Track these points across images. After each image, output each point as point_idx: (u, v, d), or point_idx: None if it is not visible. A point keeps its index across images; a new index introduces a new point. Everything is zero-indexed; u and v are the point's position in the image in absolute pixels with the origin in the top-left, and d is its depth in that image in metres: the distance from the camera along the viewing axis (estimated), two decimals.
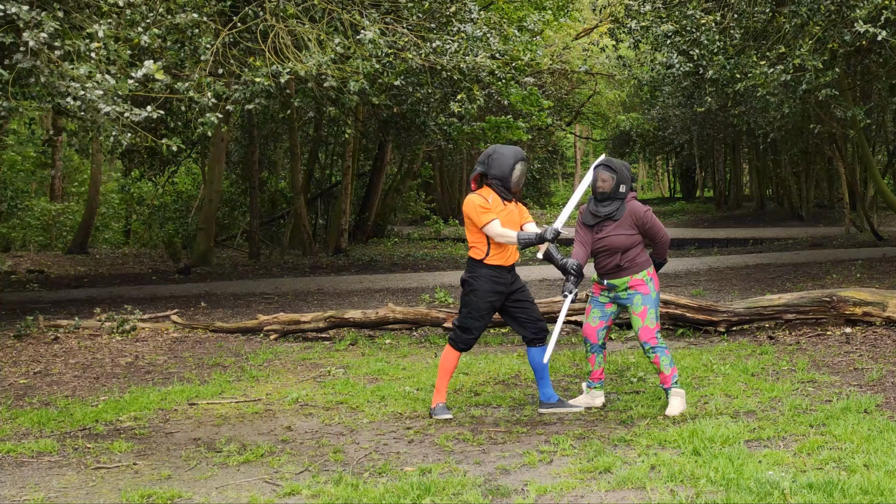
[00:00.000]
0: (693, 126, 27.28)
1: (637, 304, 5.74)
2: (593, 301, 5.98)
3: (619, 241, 5.71)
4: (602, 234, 5.77)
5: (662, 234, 5.86)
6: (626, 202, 5.76)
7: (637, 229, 5.74)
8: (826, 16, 10.20)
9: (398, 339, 8.87)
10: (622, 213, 5.73)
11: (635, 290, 5.74)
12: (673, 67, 13.84)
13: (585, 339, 5.97)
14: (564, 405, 5.90)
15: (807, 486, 4.08)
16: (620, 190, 5.73)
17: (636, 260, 5.75)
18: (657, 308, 5.78)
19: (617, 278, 5.78)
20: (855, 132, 16.41)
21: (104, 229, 24.72)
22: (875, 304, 8.09)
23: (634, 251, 5.75)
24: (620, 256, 5.72)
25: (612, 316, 5.95)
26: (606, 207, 5.75)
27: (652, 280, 5.78)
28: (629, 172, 5.81)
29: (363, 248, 21.64)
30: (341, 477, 4.57)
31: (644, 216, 5.73)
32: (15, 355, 8.22)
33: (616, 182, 5.71)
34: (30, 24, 7.54)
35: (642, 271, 5.76)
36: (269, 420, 5.92)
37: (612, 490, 4.25)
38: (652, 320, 5.73)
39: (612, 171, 5.73)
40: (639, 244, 5.78)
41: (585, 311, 6.09)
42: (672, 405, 5.65)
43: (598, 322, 5.92)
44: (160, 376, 7.41)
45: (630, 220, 5.72)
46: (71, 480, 4.70)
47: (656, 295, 5.78)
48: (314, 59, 9.21)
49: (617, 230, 5.72)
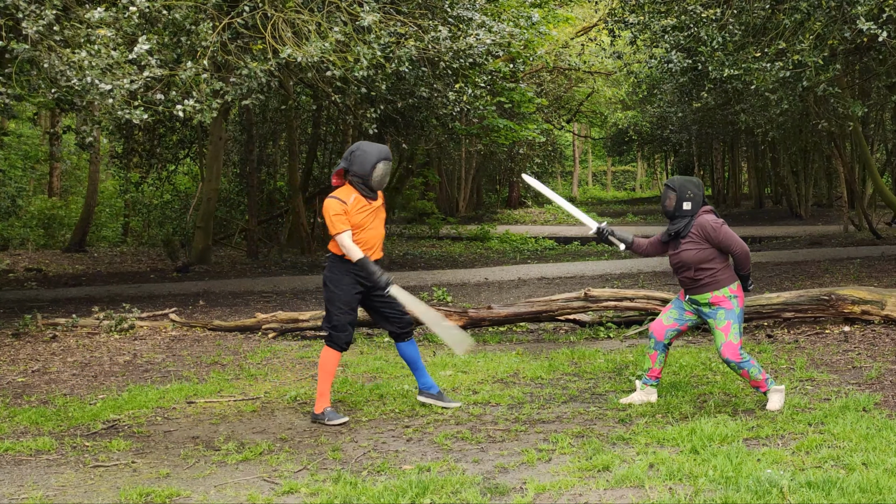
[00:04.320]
0: (692, 125, 27.28)
1: (720, 319, 5.69)
2: (675, 302, 5.99)
3: (688, 255, 5.69)
4: (675, 250, 5.79)
5: (737, 247, 5.67)
6: (696, 217, 5.74)
7: (708, 243, 5.68)
8: (826, 12, 10.19)
9: None
10: (689, 230, 5.72)
11: (719, 305, 5.70)
12: (671, 63, 13.84)
13: (651, 333, 5.96)
14: (444, 399, 5.98)
15: (805, 485, 4.08)
16: (684, 207, 5.72)
17: (716, 276, 5.68)
18: (741, 323, 5.72)
19: (697, 294, 5.75)
20: (853, 125, 16.42)
21: (102, 227, 24.69)
22: (873, 302, 8.09)
23: (712, 266, 5.67)
24: (694, 271, 5.69)
25: (690, 324, 5.94)
26: (675, 225, 5.78)
27: (736, 297, 5.70)
28: (696, 189, 5.76)
29: None
30: (340, 475, 4.56)
31: (713, 229, 5.66)
32: (13, 353, 8.21)
33: (677, 199, 5.73)
34: (29, 15, 7.56)
35: (724, 288, 5.69)
36: (268, 418, 5.92)
37: (610, 488, 4.25)
38: (735, 335, 5.66)
39: (672, 189, 5.77)
40: (714, 259, 5.69)
41: (663, 309, 6.10)
42: (772, 401, 5.63)
43: (671, 323, 5.92)
44: (158, 375, 7.40)
45: (699, 234, 5.69)
46: (69, 479, 4.70)
47: (740, 311, 5.71)
48: (315, 45, 9.18)
49: (687, 245, 5.72)
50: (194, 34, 9.13)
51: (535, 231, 26.38)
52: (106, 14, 8.05)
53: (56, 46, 7.81)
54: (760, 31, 11.42)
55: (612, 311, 8.91)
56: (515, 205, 36.82)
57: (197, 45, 9.18)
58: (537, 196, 38.73)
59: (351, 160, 5.69)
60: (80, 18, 8.26)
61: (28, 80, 8.57)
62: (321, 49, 9.28)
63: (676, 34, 12.54)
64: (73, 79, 7.67)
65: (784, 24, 10.73)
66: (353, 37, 9.79)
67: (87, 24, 8.10)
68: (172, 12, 8.88)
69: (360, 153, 5.68)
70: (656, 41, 13.83)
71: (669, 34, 12.75)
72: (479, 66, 12.83)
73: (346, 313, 5.74)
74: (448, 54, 11.09)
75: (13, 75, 8.06)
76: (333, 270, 5.76)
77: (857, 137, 17.75)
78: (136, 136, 19.06)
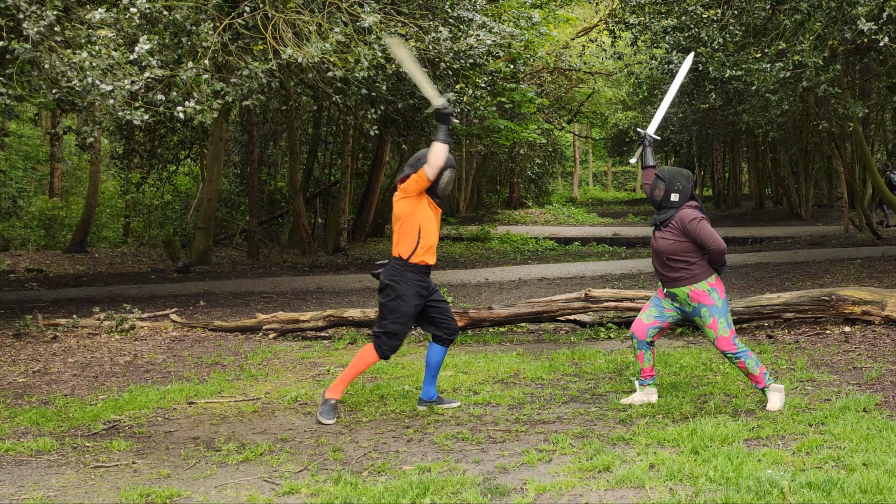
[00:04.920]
0: (692, 125, 27.29)
1: (706, 317, 5.70)
2: (654, 300, 5.99)
3: (663, 244, 5.72)
4: (654, 238, 5.83)
5: (712, 243, 5.64)
6: (679, 210, 5.76)
7: (685, 236, 5.69)
8: (826, 12, 10.19)
9: None
10: (670, 220, 5.75)
11: (700, 302, 5.70)
12: (672, 63, 13.84)
13: (633, 334, 5.96)
14: (443, 402, 6.03)
15: (806, 485, 4.08)
16: (671, 198, 5.74)
17: (692, 269, 5.68)
18: (727, 315, 5.72)
19: (675, 287, 5.76)
20: (854, 125, 16.41)
21: (103, 228, 24.70)
22: (874, 302, 8.09)
23: (688, 258, 5.68)
24: (666, 260, 5.71)
25: (671, 320, 5.95)
26: (661, 215, 5.80)
27: (715, 290, 5.70)
28: (685, 181, 5.77)
29: (362, 247, 21.63)
30: (340, 476, 4.57)
31: (689, 223, 5.67)
32: (14, 354, 8.21)
33: (666, 190, 5.75)
34: (30, 16, 7.56)
35: (701, 282, 5.69)
36: (268, 419, 5.92)
37: (611, 489, 4.25)
38: (725, 328, 5.68)
39: (661, 180, 5.79)
40: (690, 252, 5.70)
41: (642, 307, 6.10)
42: (772, 400, 5.63)
43: (652, 320, 5.93)
44: (159, 375, 7.41)
45: (677, 226, 5.71)
46: (70, 479, 4.70)
47: (723, 302, 5.71)
48: (315, 45, 9.18)
49: (664, 234, 5.75)
50: (195, 35, 9.14)
51: (535, 231, 26.37)
52: (107, 14, 8.06)
53: (57, 47, 7.82)
54: (761, 31, 11.42)
55: (613, 311, 8.91)
56: (516, 205, 36.82)
57: (198, 46, 9.19)
58: (538, 197, 38.74)
59: (417, 167, 5.78)
60: (81, 19, 8.27)
61: (29, 80, 8.59)
62: (322, 50, 9.28)
63: (677, 35, 12.54)
64: (73, 79, 7.68)
65: (784, 25, 10.74)
66: (354, 37, 9.80)
67: (87, 25, 8.11)
68: (173, 13, 8.89)
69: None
70: (657, 42, 13.82)
71: (670, 35, 12.75)
72: (480, 67, 12.83)
73: (402, 324, 5.79)
74: (448, 55, 11.10)
75: (14, 76, 8.07)
76: (401, 281, 5.77)
77: (857, 138, 17.75)
78: (137, 137, 19.07)
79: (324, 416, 5.73)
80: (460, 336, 8.92)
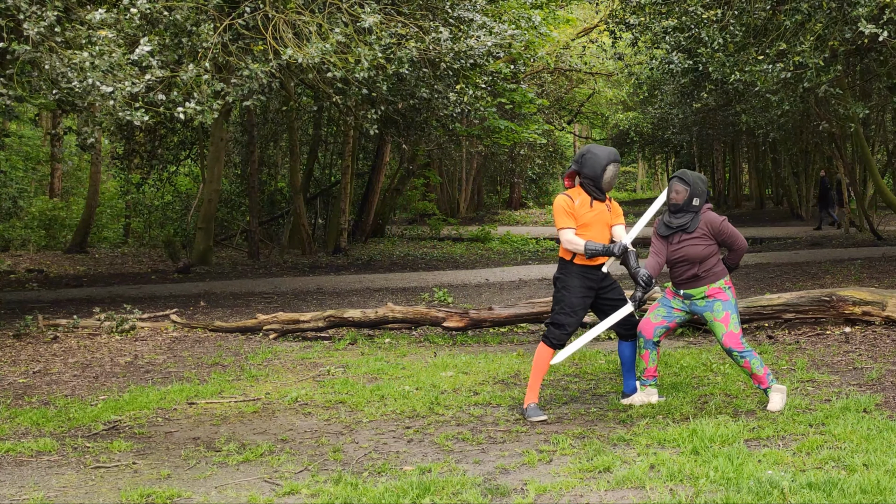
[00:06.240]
0: (693, 126, 27.30)
1: (718, 311, 5.71)
2: (663, 300, 5.98)
3: (696, 251, 5.71)
4: (678, 245, 5.77)
5: (740, 241, 5.82)
6: (701, 213, 5.76)
7: (714, 239, 5.74)
8: (827, 13, 10.19)
9: (397, 339, 8.87)
10: (696, 225, 5.73)
11: (714, 297, 5.73)
12: (672, 64, 13.85)
13: (639, 332, 5.95)
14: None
15: (806, 486, 4.08)
16: (693, 203, 5.74)
17: (713, 269, 5.74)
18: (738, 313, 5.76)
19: (694, 288, 5.78)
20: (854, 126, 16.42)
21: (103, 228, 24.72)
22: (874, 303, 8.08)
23: (712, 261, 5.74)
24: (699, 267, 5.72)
25: (678, 320, 5.95)
26: (679, 219, 5.77)
27: (729, 288, 5.78)
28: (704, 186, 5.80)
29: (362, 248, 21.64)
30: (341, 476, 4.56)
31: (721, 226, 5.72)
32: (14, 354, 8.21)
33: (689, 195, 5.74)
34: (30, 17, 7.56)
35: (720, 280, 5.75)
36: (269, 419, 5.92)
37: (611, 489, 4.25)
38: (735, 325, 5.70)
39: (685, 183, 5.77)
40: (716, 254, 5.77)
41: (650, 307, 6.09)
42: (773, 401, 5.63)
43: (660, 320, 5.92)
44: (159, 375, 7.41)
45: (706, 231, 5.72)
46: (70, 480, 4.70)
47: (735, 301, 5.77)
48: (315, 46, 9.18)
49: (694, 241, 5.72)
50: (195, 35, 9.14)
51: (535, 232, 26.39)
52: (107, 15, 8.06)
53: (57, 48, 7.82)
54: (761, 32, 11.42)
55: None
56: (516, 206, 36.84)
57: (198, 46, 9.20)
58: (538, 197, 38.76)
59: (582, 163, 5.80)
60: (82, 19, 8.27)
61: (29, 81, 8.59)
62: (322, 50, 9.28)
63: (677, 35, 12.55)
64: (74, 80, 7.68)
65: (785, 25, 10.74)
66: (354, 38, 9.80)
67: (88, 26, 8.11)
68: (173, 13, 8.89)
69: (591, 156, 5.79)
70: (657, 42, 13.84)
71: (670, 35, 12.76)
72: (480, 67, 12.83)
73: (567, 315, 5.79)
74: (449, 55, 11.10)
75: (14, 76, 8.07)
76: (563, 272, 5.85)
77: (857, 138, 17.76)
78: (138, 138, 19.08)
79: (534, 416, 5.69)
80: (460, 336, 8.93)
